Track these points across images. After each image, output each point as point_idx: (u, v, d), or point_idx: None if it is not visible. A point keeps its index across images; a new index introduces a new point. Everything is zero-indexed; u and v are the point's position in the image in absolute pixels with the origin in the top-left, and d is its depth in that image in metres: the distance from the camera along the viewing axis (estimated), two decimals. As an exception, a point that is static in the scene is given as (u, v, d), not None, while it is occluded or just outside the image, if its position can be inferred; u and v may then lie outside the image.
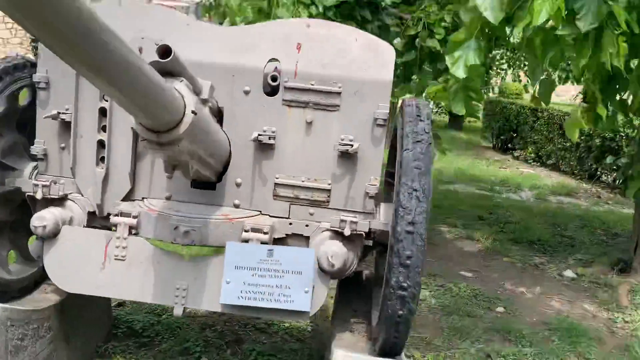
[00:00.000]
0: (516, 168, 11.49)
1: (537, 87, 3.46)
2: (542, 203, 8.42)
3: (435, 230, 6.45)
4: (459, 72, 2.76)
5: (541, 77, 3.18)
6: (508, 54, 13.64)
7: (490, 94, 17.71)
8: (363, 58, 2.47)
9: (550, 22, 2.45)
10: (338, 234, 2.44)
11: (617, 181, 9.55)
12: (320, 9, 4.11)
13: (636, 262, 5.30)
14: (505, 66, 14.70)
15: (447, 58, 2.82)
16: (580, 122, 3.37)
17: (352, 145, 2.41)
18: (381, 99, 2.44)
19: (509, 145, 13.39)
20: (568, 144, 10.95)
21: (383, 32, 4.68)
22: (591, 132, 9.91)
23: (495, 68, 14.35)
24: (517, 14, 2.49)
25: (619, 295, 4.85)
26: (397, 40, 4.81)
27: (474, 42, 2.69)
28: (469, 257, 5.62)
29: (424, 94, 4.14)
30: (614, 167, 9.54)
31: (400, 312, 2.13)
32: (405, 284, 2.09)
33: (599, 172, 10.22)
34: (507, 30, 2.54)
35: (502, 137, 13.78)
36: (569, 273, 5.30)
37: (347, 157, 2.46)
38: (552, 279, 5.23)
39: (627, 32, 2.42)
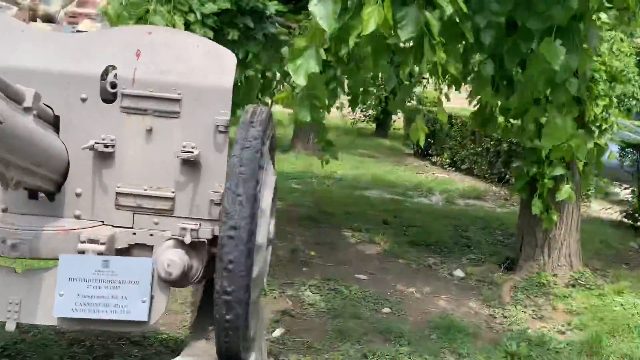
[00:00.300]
0: (432, 173, 11.85)
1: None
2: (450, 206, 8.71)
3: (340, 235, 6.56)
4: (300, 79, 2.83)
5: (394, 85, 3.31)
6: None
7: (412, 102, 18.23)
8: (203, 65, 2.49)
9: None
10: (181, 243, 2.43)
11: (522, 183, 10.03)
12: (199, 16, 4.10)
13: (522, 260, 5.57)
14: (427, 75, 15.16)
15: (289, 65, 2.89)
16: (423, 127, 3.54)
17: (192, 152, 2.41)
18: (222, 106, 2.46)
19: (428, 151, 13.81)
20: (479, 149, 11.43)
21: (270, 41, 4.73)
22: (500, 137, 10.40)
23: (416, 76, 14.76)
24: (351, 23, 2.59)
25: (502, 292, 5.08)
26: (285, 49, 4.87)
27: (314, 50, 2.78)
28: (368, 261, 5.73)
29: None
30: (520, 170, 10.04)
31: (227, 317, 2.14)
32: (229, 289, 2.11)
33: (507, 176, 10.71)
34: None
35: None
36: (458, 272, 5.51)
37: (190, 164, 2.46)
38: (443, 278, 5.41)
39: (440, 41, 2.58)
